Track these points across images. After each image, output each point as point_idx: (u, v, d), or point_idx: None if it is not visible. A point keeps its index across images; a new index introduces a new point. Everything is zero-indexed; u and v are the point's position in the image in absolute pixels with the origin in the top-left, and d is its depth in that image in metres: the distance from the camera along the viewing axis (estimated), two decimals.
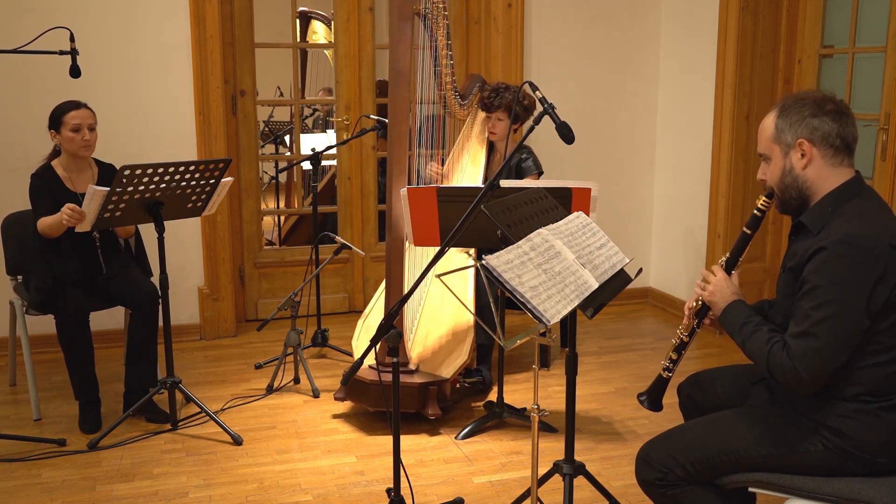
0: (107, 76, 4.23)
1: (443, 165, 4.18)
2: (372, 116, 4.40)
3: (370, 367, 3.44)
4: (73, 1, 4.17)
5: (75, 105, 3.41)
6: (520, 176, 3.95)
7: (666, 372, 2.35)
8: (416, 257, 3.89)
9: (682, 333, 2.31)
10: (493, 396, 3.70)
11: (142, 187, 3.14)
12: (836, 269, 1.90)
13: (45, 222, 3.35)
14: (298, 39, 5.77)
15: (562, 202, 2.73)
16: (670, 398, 2.46)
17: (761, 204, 2.15)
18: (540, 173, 3.97)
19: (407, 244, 3.47)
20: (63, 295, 3.38)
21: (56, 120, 3.39)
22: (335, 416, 3.58)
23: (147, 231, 3.74)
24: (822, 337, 1.90)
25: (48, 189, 3.41)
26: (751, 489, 2.10)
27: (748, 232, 2.18)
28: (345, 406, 3.65)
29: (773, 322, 2.10)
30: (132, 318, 3.55)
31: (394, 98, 3.35)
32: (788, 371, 1.93)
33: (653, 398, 2.40)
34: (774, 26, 4.44)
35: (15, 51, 3.31)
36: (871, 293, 1.90)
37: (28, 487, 2.98)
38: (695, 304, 2.27)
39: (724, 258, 2.24)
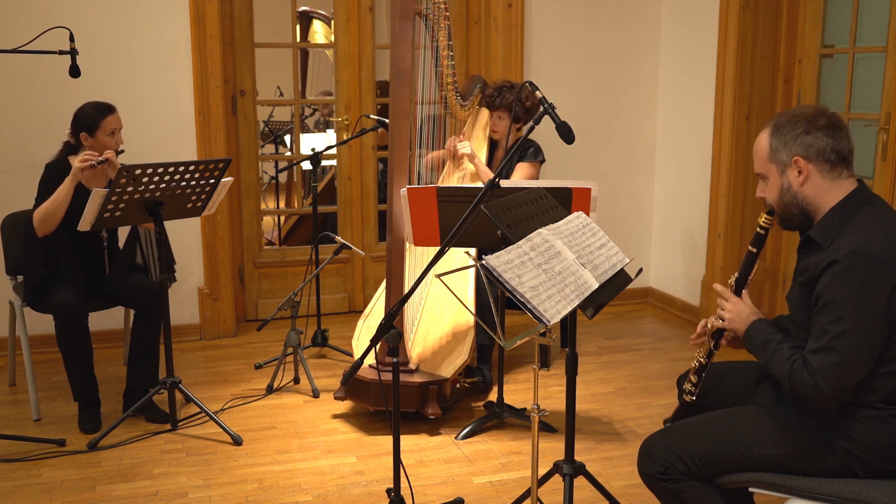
0: (107, 76, 4.23)
1: (443, 167, 4.18)
2: (372, 116, 4.40)
3: (370, 366, 3.45)
4: (73, 1, 4.17)
5: (110, 109, 3.44)
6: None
7: (689, 396, 2.31)
8: (416, 257, 3.89)
9: (699, 357, 2.27)
10: (493, 396, 3.70)
11: (142, 187, 3.14)
12: (850, 282, 1.88)
13: (43, 207, 3.33)
14: (300, 39, 5.77)
15: (562, 202, 2.73)
16: (669, 396, 2.46)
17: (763, 221, 2.13)
18: (541, 161, 3.99)
19: (407, 244, 3.47)
20: (60, 294, 3.37)
21: (92, 124, 3.40)
22: (335, 416, 3.58)
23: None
24: (842, 350, 1.89)
25: (62, 182, 3.40)
26: (750, 489, 2.10)
27: (753, 250, 2.17)
28: (345, 406, 3.65)
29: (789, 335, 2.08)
30: (136, 318, 3.54)
31: (395, 98, 3.35)
32: (810, 388, 1.91)
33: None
34: (774, 26, 4.44)
35: (15, 51, 3.30)
36: (889, 302, 1.88)
37: (28, 487, 2.98)
38: (710, 325, 2.25)
39: (732, 278, 2.21)
